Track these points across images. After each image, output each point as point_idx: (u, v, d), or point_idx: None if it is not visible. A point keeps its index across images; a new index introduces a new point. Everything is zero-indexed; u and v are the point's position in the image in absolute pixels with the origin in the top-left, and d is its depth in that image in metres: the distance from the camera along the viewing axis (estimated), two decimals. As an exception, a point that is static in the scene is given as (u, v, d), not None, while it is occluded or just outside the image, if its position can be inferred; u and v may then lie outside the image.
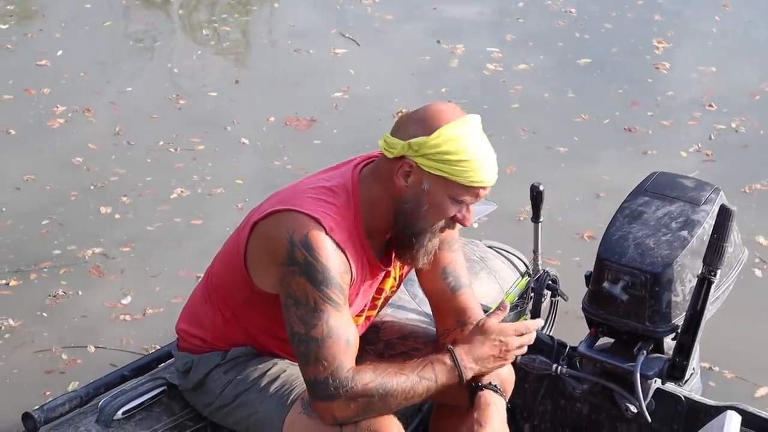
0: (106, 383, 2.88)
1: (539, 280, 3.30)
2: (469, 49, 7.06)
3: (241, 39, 7.39)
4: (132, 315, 4.41)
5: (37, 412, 2.72)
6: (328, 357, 2.43)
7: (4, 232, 4.93)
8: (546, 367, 3.07)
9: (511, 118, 6.15)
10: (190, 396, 2.82)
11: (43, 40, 7.15)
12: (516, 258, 3.46)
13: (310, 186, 2.57)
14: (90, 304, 4.47)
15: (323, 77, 6.67)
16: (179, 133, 5.92)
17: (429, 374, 2.50)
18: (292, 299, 2.45)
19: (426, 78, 6.67)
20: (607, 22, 7.54)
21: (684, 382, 2.99)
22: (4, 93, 6.35)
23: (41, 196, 5.26)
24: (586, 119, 6.13)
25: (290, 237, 2.44)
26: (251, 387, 2.69)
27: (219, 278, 2.73)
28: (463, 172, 2.43)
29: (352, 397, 2.44)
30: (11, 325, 4.31)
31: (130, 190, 5.34)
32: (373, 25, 7.52)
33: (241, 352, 2.73)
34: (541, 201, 3.24)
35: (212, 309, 2.74)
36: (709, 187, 3.10)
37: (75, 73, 6.69)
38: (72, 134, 5.93)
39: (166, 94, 6.43)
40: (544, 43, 7.19)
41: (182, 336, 2.83)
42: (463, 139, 2.44)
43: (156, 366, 2.99)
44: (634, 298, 2.90)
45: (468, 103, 6.15)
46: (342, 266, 2.47)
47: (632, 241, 2.95)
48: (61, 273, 4.64)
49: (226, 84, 6.64)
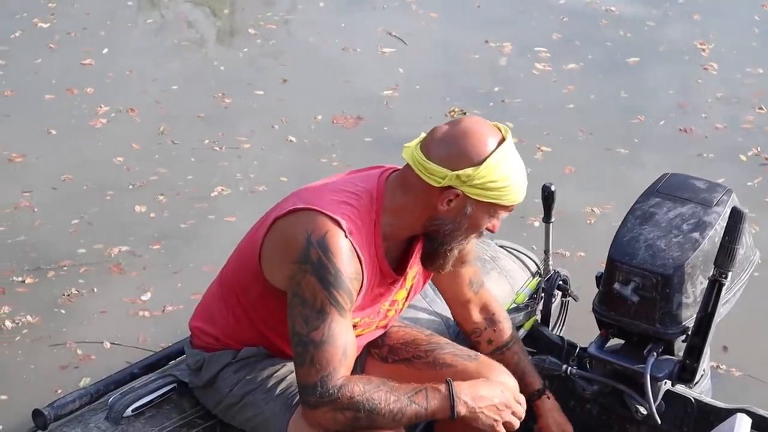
0: (116, 380, 2.81)
1: (550, 280, 3.25)
2: (517, 48, 6.88)
3: (288, 37, 7.18)
4: (151, 311, 4.33)
5: (47, 409, 2.66)
6: (322, 362, 2.38)
7: (30, 231, 4.82)
8: (556, 367, 3.05)
9: (567, 119, 6.00)
10: (201, 393, 2.76)
11: (87, 39, 6.92)
12: (527, 258, 3.40)
13: (334, 187, 2.52)
14: (109, 301, 4.39)
15: (372, 76, 6.50)
16: (225, 132, 5.78)
17: (421, 400, 2.45)
18: (299, 298, 2.40)
19: (476, 77, 6.49)
20: (649, 20, 7.36)
21: (694, 384, 2.95)
22: (46, 92, 6.16)
23: (76, 196, 5.13)
24: (643, 120, 5.98)
25: (308, 236, 2.39)
26: (258, 387, 2.64)
27: (233, 275, 2.68)
28: (506, 195, 2.44)
29: (337, 408, 2.39)
30: (29, 321, 4.24)
31: (168, 189, 5.21)
32: (419, 24, 7.31)
33: (252, 352, 2.67)
34: (552, 201, 3.18)
35: (225, 307, 2.69)
36: (721, 189, 3.06)
37: (120, 72, 6.50)
38: (115, 134, 5.76)
39: (212, 93, 6.25)
40: (590, 42, 7.02)
41: (195, 333, 2.77)
42: (505, 165, 2.43)
43: (166, 363, 2.92)
44: (644, 299, 2.86)
45: (522, 103, 6.11)
46: (354, 273, 2.42)
47: (643, 243, 2.91)
48: (81, 272, 4.55)
49: (273, 82, 6.45)
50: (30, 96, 6.11)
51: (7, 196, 5.07)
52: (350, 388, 2.39)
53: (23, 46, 6.69)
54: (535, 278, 3.34)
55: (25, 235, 4.78)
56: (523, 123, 5.80)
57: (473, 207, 2.45)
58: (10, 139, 5.59)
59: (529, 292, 3.28)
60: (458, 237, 2.51)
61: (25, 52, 6.61)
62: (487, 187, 2.41)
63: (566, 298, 3.35)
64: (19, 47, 6.68)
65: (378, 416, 2.41)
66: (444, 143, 2.43)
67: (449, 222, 2.47)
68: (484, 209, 2.46)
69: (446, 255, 2.55)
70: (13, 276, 4.49)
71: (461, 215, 2.46)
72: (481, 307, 2.95)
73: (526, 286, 3.31)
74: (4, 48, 6.64)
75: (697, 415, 3.02)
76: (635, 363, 2.91)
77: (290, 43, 7.04)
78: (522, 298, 3.24)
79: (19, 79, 6.30)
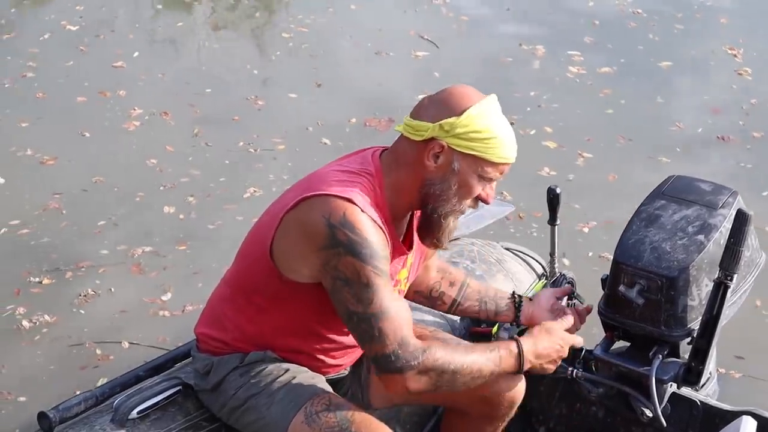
0: (122, 383, 2.79)
1: (556, 283, 3.20)
2: (549, 51, 6.85)
3: (320, 40, 7.12)
4: (171, 311, 4.33)
5: (53, 412, 2.64)
6: (390, 331, 2.38)
7: (55, 233, 4.82)
8: (561, 370, 2.97)
9: (607, 124, 5.94)
10: (206, 397, 2.73)
11: (117, 42, 6.96)
12: (533, 260, 3.36)
13: (333, 171, 2.52)
14: (129, 301, 4.39)
15: (405, 79, 6.46)
16: (260, 134, 5.76)
17: (496, 358, 2.50)
18: (343, 280, 2.38)
19: (511, 81, 6.46)
20: (678, 23, 7.32)
21: (700, 386, 2.90)
22: (78, 95, 6.18)
23: (106, 198, 5.14)
24: (682, 128, 5.89)
25: (327, 220, 2.37)
26: (262, 392, 2.61)
27: (243, 278, 2.65)
28: (492, 149, 2.42)
29: (423, 370, 2.41)
30: (47, 320, 4.24)
31: (199, 191, 5.20)
32: (451, 27, 7.29)
33: (259, 356, 2.65)
34: (557, 203, 3.14)
35: (235, 310, 2.66)
36: (726, 191, 3.00)
37: (152, 75, 6.51)
38: (149, 136, 5.77)
39: (246, 95, 6.25)
40: (622, 45, 6.97)
41: (202, 339, 2.75)
42: (489, 117, 2.43)
43: (171, 366, 2.90)
44: (650, 302, 2.81)
45: (560, 108, 6.06)
46: (383, 241, 2.42)
47: (649, 245, 2.86)
48: (100, 272, 4.55)
49: (307, 85, 6.42)
50: (62, 99, 6.12)
51: (37, 198, 5.08)
52: (433, 352, 2.42)
53: (53, 49, 6.73)
54: (541, 280, 3.30)
55: (48, 237, 4.79)
56: (563, 128, 5.77)
57: (460, 162, 2.44)
58: (43, 142, 5.61)
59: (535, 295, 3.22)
60: (451, 200, 2.49)
61: (55, 55, 6.64)
62: (470, 138, 2.41)
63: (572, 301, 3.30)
64: (49, 50, 6.71)
65: (460, 375, 2.46)
66: (429, 103, 2.49)
67: (438, 182, 2.46)
68: (472, 165, 2.45)
69: (441, 224, 2.52)
70: (30, 277, 4.50)
71: (450, 172, 2.45)
72: (436, 268, 2.93)
73: (532, 288, 3.26)
74: (35, 50, 6.67)
75: (702, 418, 2.99)
76: (641, 365, 2.86)
77: (323, 46, 7.00)
78: (527, 300, 3.19)
79: (51, 82, 6.31)
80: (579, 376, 2.97)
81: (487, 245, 3.36)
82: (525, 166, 5.28)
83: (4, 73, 6.39)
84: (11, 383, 3.92)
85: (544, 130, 5.81)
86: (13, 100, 6.08)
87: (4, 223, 4.87)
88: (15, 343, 4.12)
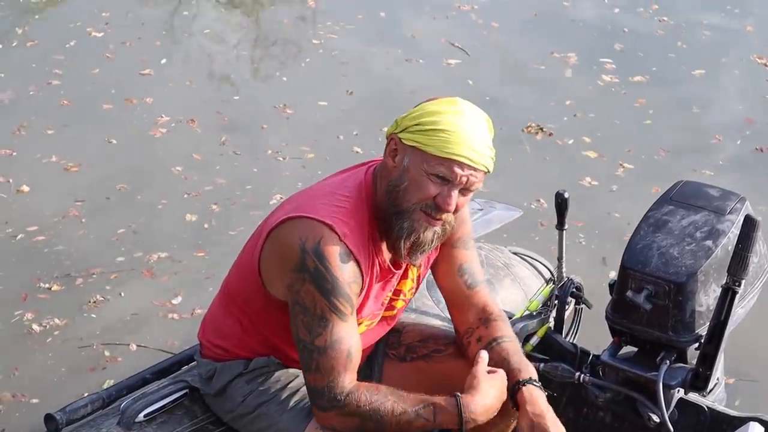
0: (128, 385, 2.77)
1: (563, 287, 3.15)
2: (581, 59, 6.67)
3: (350, 47, 6.92)
4: (180, 314, 4.27)
5: (59, 414, 2.62)
6: (327, 367, 2.34)
7: (71, 240, 4.73)
8: (569, 375, 2.96)
9: (645, 135, 5.76)
10: (212, 401, 2.70)
11: (143, 49, 6.81)
12: (540, 264, 3.31)
13: (324, 190, 2.46)
14: (139, 304, 4.32)
15: (439, 87, 6.13)
16: (289, 142, 5.63)
17: (428, 415, 2.37)
18: (300, 306, 2.35)
19: (545, 89, 6.28)
20: (705, 30, 7.15)
21: (707, 392, 2.84)
22: (104, 102, 6.04)
23: (128, 205, 5.03)
24: (720, 140, 5.72)
25: (303, 244, 2.33)
26: (272, 399, 2.57)
27: (235, 287, 2.62)
28: (436, 141, 2.29)
29: (345, 414, 2.36)
30: (57, 324, 4.18)
31: (224, 199, 5.08)
32: (481, 33, 7.11)
33: (263, 362, 2.61)
34: (565, 208, 3.09)
35: (231, 318, 2.63)
36: (734, 197, 2.95)
37: (179, 82, 6.38)
38: (175, 144, 5.64)
39: (274, 103, 6.09)
40: (653, 53, 6.79)
41: (204, 345, 2.71)
42: (442, 113, 2.32)
43: (178, 369, 2.88)
44: (657, 307, 2.76)
45: (596, 118, 5.90)
46: (352, 275, 2.36)
47: (656, 251, 2.81)
48: (111, 278, 4.47)
49: (337, 93, 6.25)
50: (88, 106, 6.02)
51: (58, 205, 4.99)
52: (356, 396, 2.35)
53: (79, 56, 6.61)
54: (549, 285, 3.25)
55: (63, 245, 4.69)
56: (602, 138, 5.64)
57: (409, 156, 2.33)
58: (68, 149, 5.51)
59: (543, 299, 3.19)
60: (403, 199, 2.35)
61: (81, 62, 6.53)
62: (415, 130, 2.33)
63: (579, 306, 3.25)
64: (75, 56, 6.59)
65: (384, 424, 2.36)
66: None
67: (396, 180, 2.36)
68: (417, 158, 2.32)
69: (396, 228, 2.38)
70: (41, 283, 4.42)
71: (402, 169, 2.35)
72: (479, 308, 2.64)
73: (540, 293, 3.22)
74: (60, 57, 6.55)
75: (709, 424, 2.93)
76: (648, 371, 2.81)
77: (353, 53, 6.83)
78: (535, 305, 3.15)
79: (78, 89, 6.21)
80: (586, 381, 2.93)
81: (494, 249, 3.31)
82: (566, 176, 5.26)
83: (30, 80, 6.28)
84: (24, 385, 3.87)
85: (582, 140, 5.66)
86: (39, 107, 5.97)
87: (21, 229, 4.79)
88: (28, 346, 4.07)
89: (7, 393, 3.83)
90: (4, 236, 4.74)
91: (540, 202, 4.88)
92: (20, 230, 4.78)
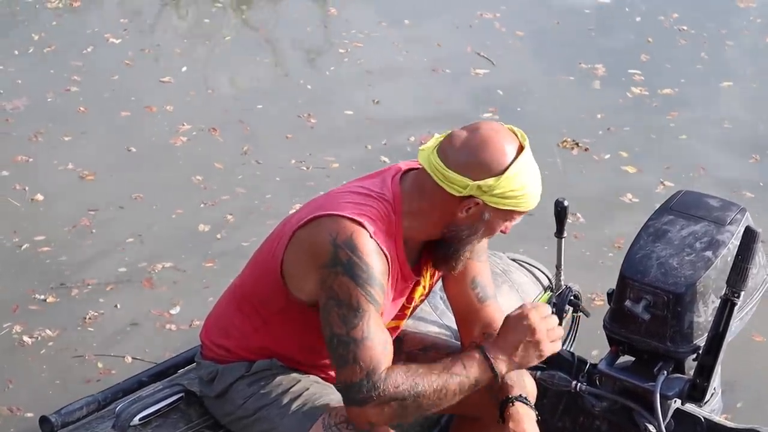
0: (124, 388, 2.71)
1: (561, 295, 3.09)
2: (609, 70, 6.40)
3: (375, 56, 6.66)
4: (178, 325, 4.14)
5: (54, 416, 2.56)
6: (365, 358, 2.27)
7: (77, 250, 4.58)
8: (565, 383, 2.87)
9: (682, 150, 5.52)
10: (211, 403, 2.64)
11: (163, 56, 6.63)
12: (539, 272, 3.24)
13: (349, 194, 2.41)
14: (137, 313, 4.19)
15: (467, 97, 6.07)
16: (313, 152, 5.43)
17: (459, 370, 2.32)
18: (334, 300, 2.28)
19: (575, 102, 6.02)
20: (728, 40, 6.89)
21: (704, 403, 2.77)
22: (123, 110, 5.86)
23: (141, 215, 4.87)
24: (758, 160, 5.45)
25: (333, 239, 2.28)
26: (273, 402, 2.51)
27: (251, 287, 2.55)
28: (524, 203, 2.36)
29: (385, 401, 2.27)
30: (49, 335, 4.05)
31: (241, 208, 4.92)
32: (506, 42, 6.85)
33: (265, 365, 2.55)
34: (565, 216, 3.02)
35: (242, 317, 2.56)
36: (734, 208, 2.88)
37: (201, 90, 6.19)
38: (197, 152, 5.45)
39: (298, 112, 5.88)
40: (679, 64, 6.51)
41: (207, 345, 2.65)
42: (525, 174, 2.34)
43: (174, 372, 2.81)
44: (656, 317, 2.70)
45: (631, 132, 5.66)
46: (383, 268, 2.32)
47: (655, 260, 2.75)
48: (107, 289, 4.32)
49: (362, 102, 6.04)
50: (106, 113, 5.85)
51: (70, 214, 4.83)
52: (393, 378, 2.28)
53: (98, 62, 6.44)
54: (547, 292, 3.18)
55: (67, 255, 4.55)
56: (639, 154, 5.42)
57: (491, 214, 2.37)
58: (85, 156, 5.35)
59: (540, 308, 3.10)
60: (473, 241, 2.43)
61: (100, 69, 6.36)
62: (506, 196, 2.32)
63: (577, 314, 3.18)
64: (93, 63, 6.43)
65: (423, 398, 2.30)
66: (463, 152, 2.32)
67: (466, 228, 2.39)
68: (501, 215, 2.38)
69: (459, 258, 2.46)
70: (35, 294, 4.29)
71: (479, 221, 2.38)
72: (485, 324, 2.62)
73: (537, 300, 3.14)
74: (78, 64, 6.38)
75: (706, 435, 2.84)
76: (645, 381, 2.74)
77: (378, 61, 6.58)
78: (533, 313, 3.06)
79: (96, 96, 6.04)
80: (583, 389, 2.85)
81: (492, 255, 3.23)
82: (605, 192, 5.07)
83: (47, 86, 6.11)
84: (19, 398, 3.76)
85: (619, 155, 5.43)
86: (57, 114, 5.81)
87: (28, 238, 4.65)
88: (21, 359, 3.96)
89: (3, 406, 3.74)
90: (10, 246, 4.61)
91: (576, 216, 4.70)
92: (27, 240, 4.64)
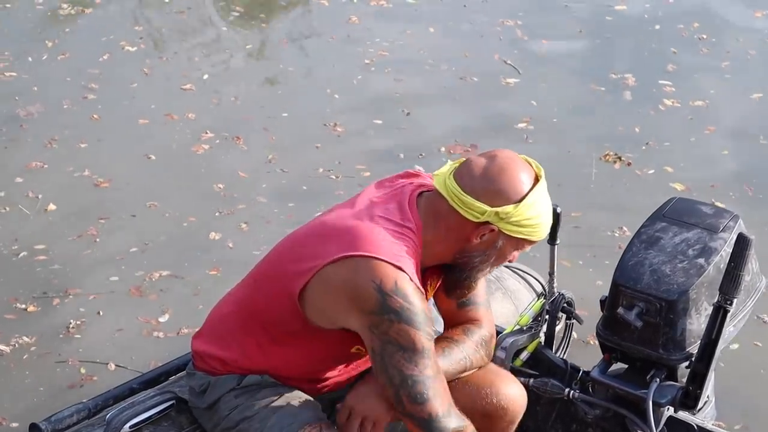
0: (115, 396, 2.61)
1: (554, 302, 2.98)
2: (639, 80, 6.12)
3: (402, 64, 6.38)
4: (166, 333, 3.96)
5: (44, 423, 2.46)
6: (442, 390, 2.28)
7: (73, 259, 4.37)
8: (558, 390, 2.81)
9: (726, 167, 5.21)
10: (200, 414, 2.53)
11: (181, 64, 6.41)
12: (532, 278, 3.13)
13: (372, 218, 2.33)
14: (126, 321, 4.03)
15: (499, 107, 5.79)
16: (342, 161, 5.21)
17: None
18: (395, 345, 2.23)
19: (608, 114, 5.74)
20: (750, 49, 6.58)
21: (697, 410, 2.68)
22: (143, 117, 5.65)
23: (151, 222, 4.66)
24: None
25: (378, 287, 2.21)
26: (254, 416, 2.41)
27: (263, 305, 2.44)
28: (537, 232, 2.34)
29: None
30: (27, 342, 3.89)
31: (258, 217, 4.70)
32: (531, 49, 6.58)
33: (256, 380, 2.45)
34: (557, 223, 2.90)
35: (244, 331, 2.46)
36: (727, 215, 2.79)
37: (223, 97, 5.96)
38: (219, 161, 5.23)
39: (324, 121, 5.65)
40: (706, 75, 6.21)
41: (200, 356, 2.53)
42: (541, 204, 2.33)
43: (165, 379, 2.71)
44: (648, 324, 2.62)
45: (672, 147, 5.37)
46: (424, 301, 2.29)
47: (648, 268, 2.66)
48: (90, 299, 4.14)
49: (390, 111, 5.78)
50: (124, 120, 5.64)
51: (79, 223, 4.63)
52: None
53: (114, 70, 6.25)
54: (540, 299, 3.07)
55: (60, 264, 4.36)
56: (684, 171, 5.11)
57: (504, 241, 2.34)
58: (101, 163, 5.15)
59: (533, 314, 3.00)
60: (484, 268, 2.40)
61: (117, 76, 6.17)
62: (521, 224, 2.30)
63: (570, 321, 3.07)
64: (110, 71, 6.23)
65: None
66: (482, 178, 2.29)
67: (479, 254, 2.36)
68: (513, 244, 2.36)
69: (471, 285, 2.46)
70: (17, 303, 4.11)
71: (491, 248, 2.35)
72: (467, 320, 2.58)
73: (530, 307, 3.04)
74: (95, 71, 6.20)
75: (699, 442, 2.74)
76: (638, 388, 2.67)
77: (405, 70, 6.31)
78: (526, 319, 2.97)
79: (114, 103, 5.83)
80: (576, 397, 2.79)
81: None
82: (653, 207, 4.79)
83: (63, 94, 5.92)
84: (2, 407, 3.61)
85: (664, 170, 5.14)
86: (73, 121, 5.61)
87: (28, 247, 4.47)
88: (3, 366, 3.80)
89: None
90: (7, 253, 4.42)
91: (623, 230, 4.49)
92: (26, 248, 4.45)
